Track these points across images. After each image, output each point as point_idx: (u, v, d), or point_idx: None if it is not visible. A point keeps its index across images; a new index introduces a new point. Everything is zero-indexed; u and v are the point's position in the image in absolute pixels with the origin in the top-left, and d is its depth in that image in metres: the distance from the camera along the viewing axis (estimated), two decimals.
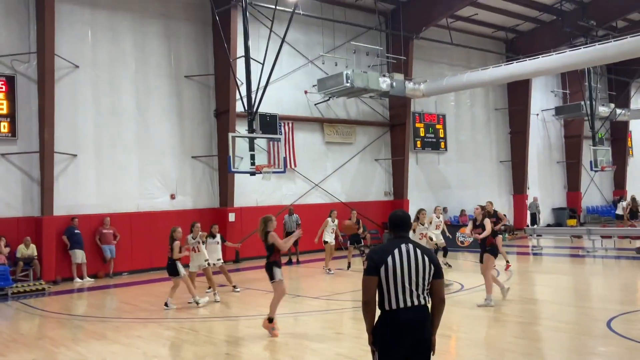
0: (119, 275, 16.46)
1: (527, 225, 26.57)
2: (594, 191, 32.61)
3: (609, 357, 6.86)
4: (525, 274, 14.58)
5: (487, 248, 10.50)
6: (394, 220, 4.35)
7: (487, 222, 10.63)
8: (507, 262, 14.33)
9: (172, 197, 18.07)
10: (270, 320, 8.47)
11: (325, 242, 15.92)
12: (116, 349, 8.15)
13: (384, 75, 20.58)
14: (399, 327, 4.02)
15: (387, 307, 4.08)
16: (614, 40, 17.70)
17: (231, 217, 18.53)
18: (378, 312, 4.14)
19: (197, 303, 11.09)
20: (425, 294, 4.12)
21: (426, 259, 4.13)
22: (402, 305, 4.04)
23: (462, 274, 13.94)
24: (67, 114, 16.04)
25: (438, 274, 4.18)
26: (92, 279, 15.77)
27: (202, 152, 18.68)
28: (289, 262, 17.84)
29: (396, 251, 4.11)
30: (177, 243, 10.91)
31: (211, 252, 12.53)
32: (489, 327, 8.84)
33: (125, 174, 17.14)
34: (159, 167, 17.82)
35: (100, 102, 16.75)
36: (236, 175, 17.98)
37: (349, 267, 15.91)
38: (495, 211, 14.40)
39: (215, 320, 10.12)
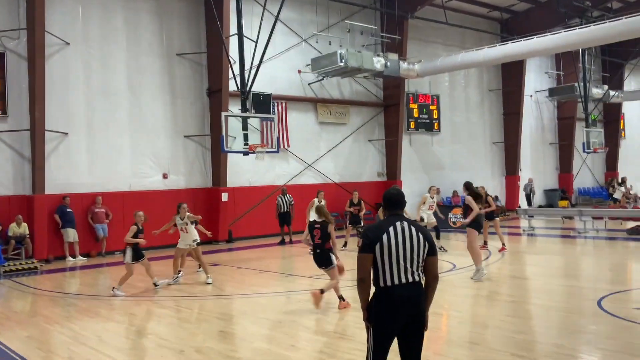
0: (112, 255, 16.42)
1: (519, 206, 26.72)
2: (586, 173, 32.77)
3: (599, 335, 6.94)
4: (517, 254, 14.69)
5: (469, 223, 10.87)
6: (389, 198, 4.36)
7: (470, 200, 10.94)
8: (503, 244, 14.38)
9: (165, 176, 18.00)
10: (322, 291, 8.37)
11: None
12: (110, 327, 8.17)
13: (378, 55, 20.43)
14: (394, 303, 4.06)
15: (382, 284, 4.11)
16: (610, 21, 17.63)
17: (224, 197, 18.49)
18: (373, 289, 4.16)
19: (155, 285, 10.84)
20: (419, 271, 4.16)
21: (421, 236, 4.16)
22: (396, 281, 4.08)
23: (454, 254, 14.01)
24: (58, 91, 15.87)
25: (432, 251, 4.21)
26: (85, 258, 15.75)
27: (194, 131, 18.57)
28: (282, 242, 17.88)
29: (391, 229, 4.14)
30: (133, 228, 10.45)
31: (184, 234, 11.84)
32: (480, 306, 8.92)
33: (118, 153, 17.04)
34: (151, 146, 17.71)
35: (92, 80, 16.58)
36: (229, 154, 17.90)
37: (345, 245, 15.90)
38: (486, 194, 14.43)
39: (209, 299, 10.14)
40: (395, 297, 4.06)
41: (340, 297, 8.68)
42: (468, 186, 11.31)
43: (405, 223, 4.19)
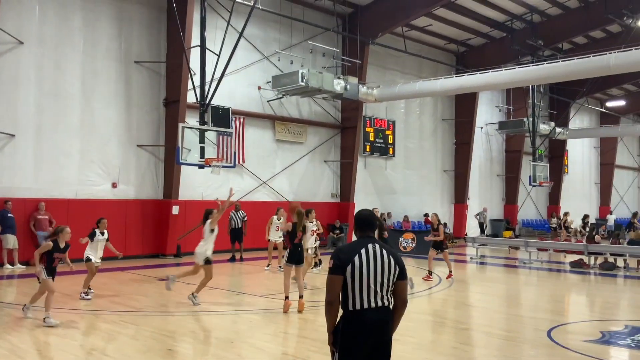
0: None
1: (466, 234, 27.29)
2: (530, 205, 33.85)
3: None
4: (466, 282, 14.90)
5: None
6: (361, 220, 4.28)
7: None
8: (450, 271, 14.65)
9: (114, 185, 17.42)
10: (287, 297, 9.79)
11: (269, 240, 15.78)
12: (51, 341, 7.72)
13: (339, 77, 20.59)
14: (362, 328, 3.97)
15: (350, 307, 4.01)
16: (562, 61, 18.39)
17: (175, 209, 18.05)
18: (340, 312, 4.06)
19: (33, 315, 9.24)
20: (389, 295, 4.08)
21: (392, 259, 4.10)
22: (366, 305, 3.99)
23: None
24: (7, 91, 15.20)
25: (402, 275, 4.15)
26: (24, 266, 14.97)
27: (148, 141, 18.11)
28: (232, 259, 17.55)
29: (363, 250, 4.05)
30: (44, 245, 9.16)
31: (99, 250, 11.34)
32: (434, 332, 8.94)
33: (66, 159, 16.39)
34: (101, 153, 17.14)
35: (44, 81, 15.95)
36: (182, 167, 17.54)
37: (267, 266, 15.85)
38: (439, 223, 14.70)
39: (155, 315, 9.77)
40: (365, 321, 3.96)
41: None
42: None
43: (377, 245, 4.11)
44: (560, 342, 7.95)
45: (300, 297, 9.89)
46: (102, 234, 11.23)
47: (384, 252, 4.09)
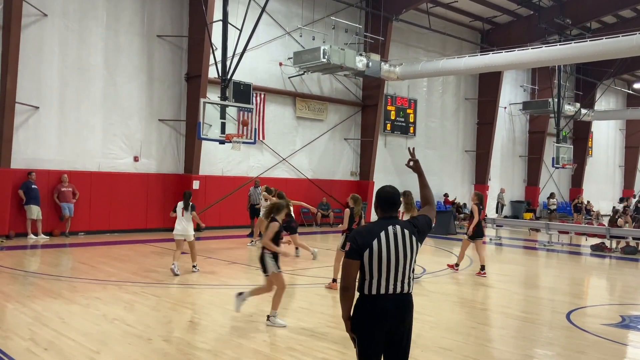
0: (76, 235, 16.01)
1: (486, 215, 27.08)
2: (552, 187, 33.44)
3: (570, 349, 7.01)
4: (488, 263, 14.81)
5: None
6: (384, 198, 3.93)
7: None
8: (457, 264, 12.82)
9: (136, 159, 17.60)
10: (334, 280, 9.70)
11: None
12: (74, 309, 7.89)
13: (361, 55, 20.40)
14: (378, 313, 3.74)
15: (366, 292, 3.77)
16: (590, 40, 17.96)
17: (195, 184, 18.18)
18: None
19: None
20: (409, 280, 3.86)
21: (414, 238, 3.84)
22: (382, 291, 3.75)
23: (424, 259, 14.06)
24: (31, 63, 15.35)
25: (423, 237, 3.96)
26: (47, 237, 15.27)
27: (170, 115, 18.21)
28: (251, 235, 17.64)
29: (382, 234, 3.76)
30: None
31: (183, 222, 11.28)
32: (451, 312, 8.94)
33: (89, 132, 16.58)
34: (124, 127, 17.29)
35: (67, 54, 16.07)
36: (203, 142, 17.62)
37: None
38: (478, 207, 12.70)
39: (176, 287, 9.92)
40: (381, 307, 3.74)
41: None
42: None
43: (398, 227, 3.81)
44: (579, 325, 7.90)
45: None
46: (186, 207, 11.29)
47: (406, 233, 3.81)
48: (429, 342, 6.98)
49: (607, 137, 37.74)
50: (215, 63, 16.58)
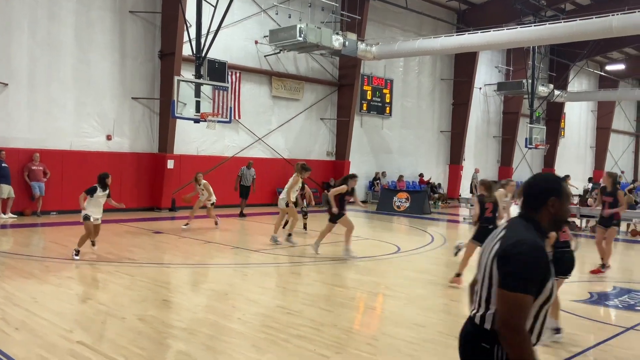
0: (47, 215, 15.75)
1: (460, 195, 27.44)
2: (525, 167, 33.95)
3: None
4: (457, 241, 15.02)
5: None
6: (566, 190, 2.73)
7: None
8: (604, 263, 11.04)
9: (109, 138, 17.32)
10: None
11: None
12: (47, 289, 7.79)
13: (337, 33, 20.27)
14: None
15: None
16: (564, 22, 18.11)
17: (170, 164, 18.01)
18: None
19: None
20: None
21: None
22: (535, 340, 2.63)
23: (399, 237, 14.20)
24: None
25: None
26: (15, 216, 14.98)
27: (143, 94, 17.91)
28: (242, 215, 17.48)
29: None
30: None
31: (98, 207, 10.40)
32: (425, 289, 9.07)
33: (60, 110, 16.23)
34: (96, 105, 16.97)
35: (37, 30, 15.63)
36: (177, 121, 17.40)
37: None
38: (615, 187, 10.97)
39: (150, 266, 9.86)
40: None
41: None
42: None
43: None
44: None
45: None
46: (104, 189, 10.35)
47: None
48: (402, 319, 7.08)
49: (579, 118, 38.35)
50: (190, 40, 16.31)
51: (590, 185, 22.61)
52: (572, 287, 9.37)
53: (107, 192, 10.39)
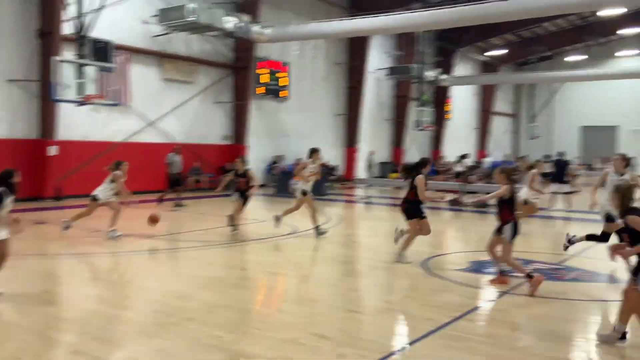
0: None
1: (355, 177, 28.20)
2: (414, 149, 35.40)
3: (423, 292, 7.58)
4: (353, 220, 15.50)
5: None
6: None
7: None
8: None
9: None
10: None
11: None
12: None
13: (230, 15, 19.94)
14: None
15: None
16: (449, 7, 19.01)
17: (52, 150, 16.94)
18: None
19: None
20: None
21: None
22: None
23: (295, 219, 14.35)
24: None
25: None
26: None
27: (20, 75, 16.66)
28: (179, 205, 16.64)
29: None
30: None
31: None
32: (319, 266, 9.28)
33: None
34: None
35: None
36: (61, 105, 16.40)
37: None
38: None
39: (30, 257, 9.28)
40: None
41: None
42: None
43: None
44: (434, 271, 8.57)
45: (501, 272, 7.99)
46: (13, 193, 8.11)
47: None
48: (296, 296, 7.22)
49: (464, 101, 40.49)
50: (70, 18, 15.37)
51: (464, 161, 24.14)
52: (455, 258, 10.00)
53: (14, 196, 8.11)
